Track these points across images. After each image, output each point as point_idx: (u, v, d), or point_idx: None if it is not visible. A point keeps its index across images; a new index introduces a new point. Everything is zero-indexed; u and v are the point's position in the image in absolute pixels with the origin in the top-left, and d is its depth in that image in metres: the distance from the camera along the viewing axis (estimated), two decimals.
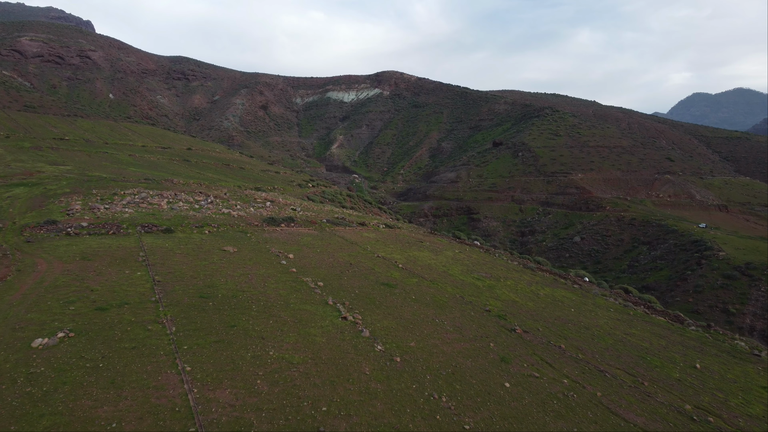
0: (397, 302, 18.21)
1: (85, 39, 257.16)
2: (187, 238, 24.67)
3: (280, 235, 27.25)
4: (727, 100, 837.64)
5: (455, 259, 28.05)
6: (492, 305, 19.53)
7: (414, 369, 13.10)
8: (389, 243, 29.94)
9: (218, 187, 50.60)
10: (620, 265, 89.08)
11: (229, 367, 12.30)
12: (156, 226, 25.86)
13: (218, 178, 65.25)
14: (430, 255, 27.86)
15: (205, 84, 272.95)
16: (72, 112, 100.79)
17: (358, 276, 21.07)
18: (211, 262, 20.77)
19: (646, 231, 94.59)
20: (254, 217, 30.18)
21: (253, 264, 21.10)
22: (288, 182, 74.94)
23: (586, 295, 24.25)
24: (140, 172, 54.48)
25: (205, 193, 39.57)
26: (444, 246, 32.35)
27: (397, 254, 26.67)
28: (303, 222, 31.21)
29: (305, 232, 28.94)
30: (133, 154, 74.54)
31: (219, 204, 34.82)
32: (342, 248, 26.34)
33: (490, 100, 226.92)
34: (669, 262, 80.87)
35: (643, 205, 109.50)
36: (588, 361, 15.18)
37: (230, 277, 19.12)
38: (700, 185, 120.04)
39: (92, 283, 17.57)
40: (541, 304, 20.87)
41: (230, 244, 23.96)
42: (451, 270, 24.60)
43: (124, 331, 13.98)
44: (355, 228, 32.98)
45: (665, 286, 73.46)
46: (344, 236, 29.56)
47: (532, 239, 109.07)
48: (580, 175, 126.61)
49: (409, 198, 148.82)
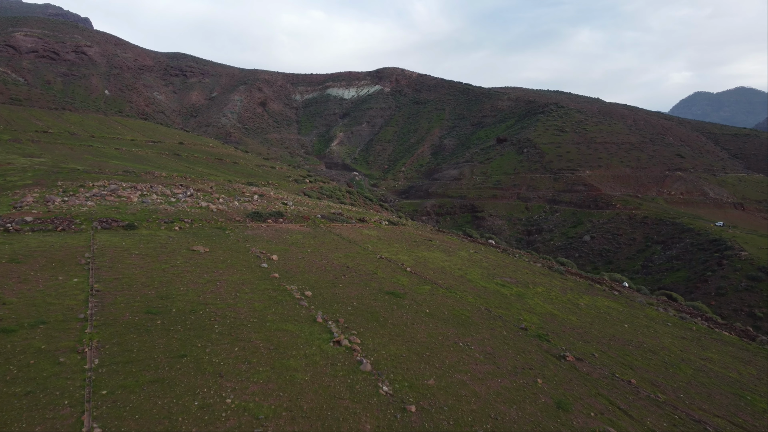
0: (407, 318, 14.07)
1: (80, 34, 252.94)
2: (150, 235, 20.53)
3: (265, 233, 23.10)
4: (729, 99, 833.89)
5: (471, 260, 23.90)
6: (527, 320, 15.38)
7: (437, 425, 8.97)
8: (393, 242, 25.80)
9: (205, 180, 46.46)
10: (633, 265, 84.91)
11: (161, 427, 8.18)
12: (117, 221, 21.73)
13: (208, 172, 61.10)
14: (443, 256, 23.70)
15: (203, 80, 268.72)
16: (60, 105, 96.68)
17: (356, 283, 16.93)
18: (173, 266, 16.63)
19: (660, 230, 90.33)
20: (237, 212, 26.03)
21: (225, 268, 16.96)
22: (284, 178, 70.79)
23: (632, 305, 20.09)
24: (122, 165, 50.33)
25: (187, 185, 35.44)
26: (456, 245, 28.20)
27: (403, 255, 22.52)
28: (294, 217, 27.06)
29: (295, 229, 24.79)
30: (120, 148, 70.44)
31: (199, 197, 30.69)
32: (338, 248, 22.20)
33: (493, 97, 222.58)
34: (686, 263, 76.65)
35: (655, 202, 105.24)
36: (674, 404, 11.01)
37: (193, 285, 14.98)
38: (714, 182, 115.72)
39: (8, 294, 13.41)
40: (585, 318, 16.72)
41: (202, 243, 19.82)
42: (469, 274, 20.44)
43: (24, 365, 9.82)
44: (353, 225, 28.84)
45: (684, 288, 69.24)
46: (341, 234, 25.41)
47: (539, 238, 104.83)
48: (588, 172, 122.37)
49: (410, 196, 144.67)
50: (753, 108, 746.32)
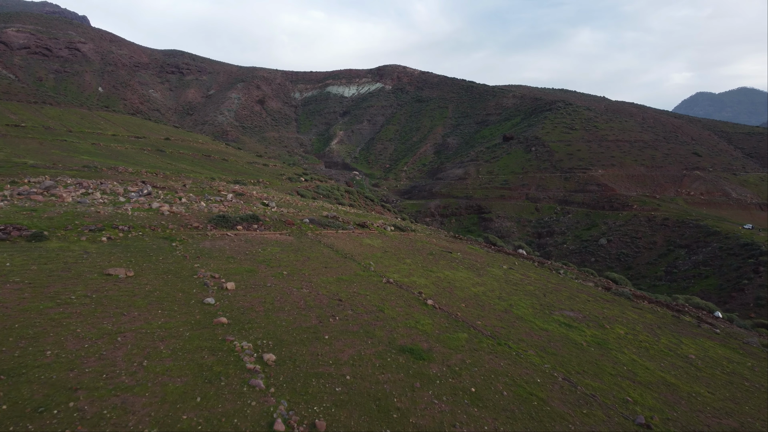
0: (441, 411, 7.90)
1: (75, 31, 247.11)
2: (60, 250, 14.38)
3: (229, 244, 16.91)
4: (731, 99, 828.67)
5: (509, 281, 17.71)
6: (639, 402, 9.20)
7: None
8: (404, 255, 19.61)
9: (181, 178, 40.30)
10: (655, 271, 78.64)
11: None
12: (20, 228, 15.61)
13: (191, 169, 54.99)
14: (471, 276, 17.52)
15: (200, 78, 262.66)
16: (41, 99, 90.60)
17: (352, 331, 10.76)
18: (63, 303, 10.47)
19: (683, 232, 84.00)
20: (197, 216, 19.83)
21: (146, 306, 10.79)
22: (277, 175, 64.63)
23: (749, 351, 13.93)
24: (89, 160, 44.19)
25: (149, 182, 29.28)
26: (483, 258, 22.01)
27: (419, 276, 16.32)
28: (273, 223, 20.87)
29: (272, 239, 18.60)
30: (97, 143, 64.34)
31: (159, 196, 24.56)
32: (328, 266, 16.02)
33: (498, 95, 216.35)
34: (716, 269, 70.38)
35: (674, 203, 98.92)
36: None
37: (74, 344, 8.80)
38: (735, 182, 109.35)
39: None
40: (718, 389, 10.53)
41: (128, 263, 13.67)
42: (515, 306, 14.25)
43: None
44: (351, 231, 22.66)
45: (716, 298, 62.98)
46: (333, 244, 19.22)
47: (550, 241, 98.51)
48: (600, 171, 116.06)
49: (413, 196, 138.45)
50: (755, 108, 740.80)
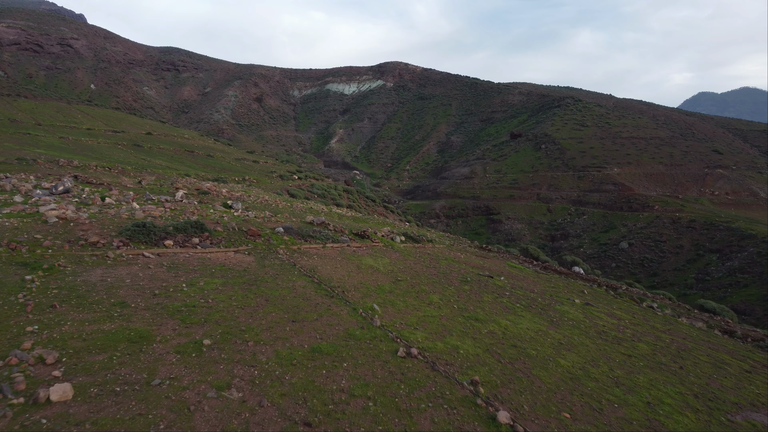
0: None
1: (68, 27, 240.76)
2: None
3: (136, 275, 9.95)
4: (734, 99, 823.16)
5: (604, 336, 10.75)
6: None
7: None
8: (425, 285, 12.61)
9: (143, 173, 33.49)
10: (685, 279, 71.72)
11: None
12: None
13: (168, 165, 48.16)
14: (542, 327, 10.55)
15: (197, 75, 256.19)
16: (14, 92, 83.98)
17: None
18: None
19: (713, 236, 77.01)
20: (103, 225, 12.89)
21: None
22: (267, 173, 57.81)
23: None
24: (37, 153, 37.40)
25: (84, 177, 22.45)
26: (536, 284, 15.07)
27: (460, 334, 9.27)
28: (228, 233, 13.95)
29: (218, 261, 11.69)
30: (66, 137, 57.60)
31: (83, 194, 17.74)
32: (297, 319, 8.93)
33: (503, 91, 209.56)
34: (755, 276, 63.40)
35: (699, 204, 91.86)
36: None
37: None
38: (762, 181, 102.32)
39: None
40: None
41: None
42: (660, 406, 7.27)
43: None
44: (345, 245, 15.73)
45: (760, 309, 56.04)
46: (315, 269, 12.26)
47: (565, 244, 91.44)
48: (616, 170, 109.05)
49: (417, 196, 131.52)
50: (758, 108, 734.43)
